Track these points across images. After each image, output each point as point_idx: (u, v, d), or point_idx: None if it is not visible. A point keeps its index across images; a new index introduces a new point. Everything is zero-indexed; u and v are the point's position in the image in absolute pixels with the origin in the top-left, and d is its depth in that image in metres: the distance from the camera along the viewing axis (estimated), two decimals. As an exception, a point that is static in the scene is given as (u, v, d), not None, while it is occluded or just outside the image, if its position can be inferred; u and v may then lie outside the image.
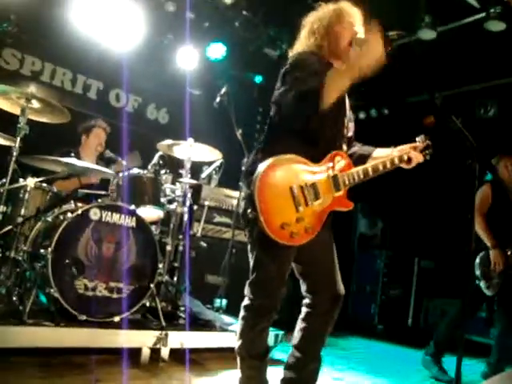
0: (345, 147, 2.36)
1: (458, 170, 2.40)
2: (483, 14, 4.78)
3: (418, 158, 2.41)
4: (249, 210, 2.08)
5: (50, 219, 3.23)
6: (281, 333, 3.67)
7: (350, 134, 2.44)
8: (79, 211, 3.02)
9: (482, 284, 3.83)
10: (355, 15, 2.34)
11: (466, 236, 3.75)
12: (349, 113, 2.42)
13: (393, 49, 2.25)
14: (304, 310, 2.30)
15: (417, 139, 2.51)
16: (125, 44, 5.26)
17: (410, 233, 6.83)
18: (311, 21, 2.36)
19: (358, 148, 2.49)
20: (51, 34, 5.03)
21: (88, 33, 5.09)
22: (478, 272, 3.86)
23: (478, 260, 3.90)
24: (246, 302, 2.23)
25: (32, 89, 3.10)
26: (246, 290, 2.22)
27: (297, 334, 2.29)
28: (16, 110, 3.10)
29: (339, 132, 2.31)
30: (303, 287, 2.31)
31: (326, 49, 2.30)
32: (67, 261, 2.92)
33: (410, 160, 2.39)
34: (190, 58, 5.67)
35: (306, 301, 2.29)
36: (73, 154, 3.51)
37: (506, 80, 5.87)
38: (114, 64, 5.40)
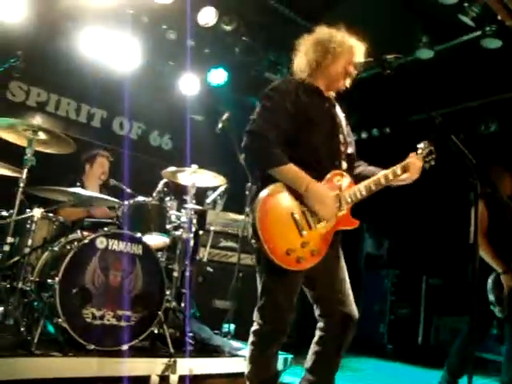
0: (345, 165, 2.34)
1: (461, 187, 2.41)
2: (479, 33, 4.84)
3: (417, 163, 2.38)
4: (253, 241, 2.10)
5: (56, 249, 3.25)
6: (290, 356, 3.64)
7: (351, 150, 2.42)
8: (86, 240, 3.04)
9: (497, 309, 3.76)
10: (356, 50, 2.36)
11: (471, 255, 3.75)
12: (347, 128, 2.44)
13: (392, 70, 2.30)
14: (318, 333, 2.29)
15: (418, 146, 2.50)
16: (127, 72, 5.35)
17: (417, 251, 6.80)
18: (308, 42, 2.37)
19: (363, 168, 2.49)
20: (56, 65, 5.13)
21: (91, 62, 5.19)
22: (492, 298, 3.76)
23: (490, 285, 3.78)
24: (254, 327, 2.23)
25: (38, 120, 3.16)
26: (255, 316, 2.23)
27: (310, 357, 2.28)
28: (23, 142, 3.15)
29: (336, 150, 2.31)
30: (316, 311, 2.30)
31: (319, 72, 2.32)
32: (75, 290, 2.92)
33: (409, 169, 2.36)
34: (192, 84, 5.75)
35: (320, 324, 2.28)
36: (79, 184, 3.54)
37: (506, 95, 5.91)
38: (117, 92, 5.48)
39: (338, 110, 2.45)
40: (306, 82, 2.31)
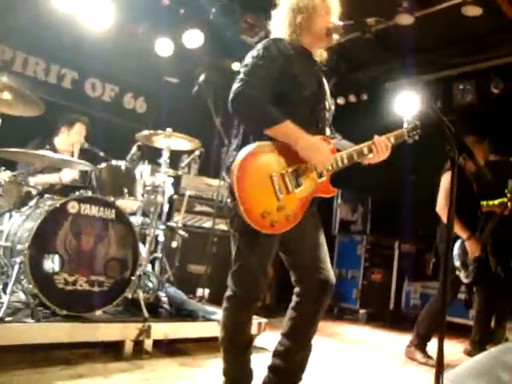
0: (328, 131, 2.33)
1: (437, 155, 2.41)
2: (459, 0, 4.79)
3: (386, 145, 2.31)
4: (229, 200, 2.07)
5: (26, 213, 3.17)
6: (263, 321, 3.68)
7: (330, 120, 2.42)
8: (57, 204, 2.96)
9: (462, 274, 3.88)
10: (334, 4, 2.32)
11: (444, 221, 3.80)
12: (329, 96, 2.40)
13: (372, 36, 2.25)
14: (294, 298, 2.29)
15: (404, 119, 2.46)
16: (100, 32, 5.15)
17: (390, 217, 6.89)
18: (287, 5, 2.31)
19: (336, 141, 2.43)
20: (23, 22, 4.89)
21: (62, 20, 4.96)
22: (457, 263, 3.89)
23: (456, 251, 3.91)
24: (228, 292, 2.22)
25: (3, 79, 3.00)
26: (229, 281, 2.22)
27: (286, 323, 2.28)
28: (-14, 102, 3.01)
29: (320, 114, 2.28)
30: (293, 277, 2.29)
31: (302, 31, 2.27)
32: (46, 255, 2.87)
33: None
34: (167, 45, 5.58)
35: (296, 290, 2.28)
36: (48, 146, 3.42)
37: (484, 65, 5.91)
38: (89, 53, 5.28)
39: (324, 80, 2.40)
40: (294, 42, 2.25)
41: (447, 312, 4.82)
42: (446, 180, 3.89)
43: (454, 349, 4.65)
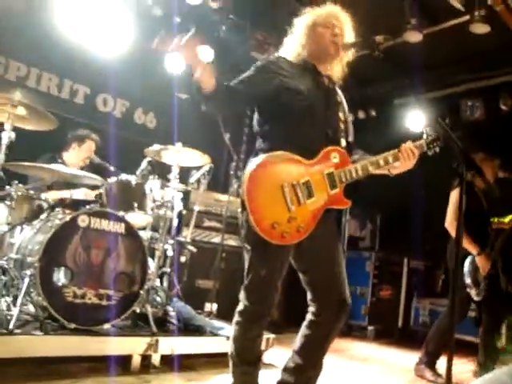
0: (343, 142, 2.31)
1: (446, 172, 2.41)
2: (468, 17, 4.82)
3: (414, 152, 2.28)
4: (239, 210, 2.08)
5: (37, 226, 3.20)
6: (271, 336, 3.66)
7: (350, 138, 2.39)
8: (67, 218, 3.00)
9: (473, 292, 3.84)
10: (340, 18, 2.35)
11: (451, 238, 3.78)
12: (346, 109, 2.41)
13: (380, 52, 2.28)
14: (309, 317, 2.27)
15: (423, 130, 2.41)
16: (112, 48, 5.23)
17: (399, 234, 6.86)
18: (298, 23, 2.40)
19: (359, 156, 2.39)
20: (37, 38, 4.98)
21: (74, 37, 5.05)
22: (468, 280, 3.85)
23: (466, 267, 3.87)
24: (240, 306, 2.22)
25: (17, 95, 3.06)
26: (241, 295, 2.22)
27: (299, 340, 2.27)
28: (1, 117, 3.07)
29: (331, 124, 2.28)
30: (309, 296, 2.27)
31: (308, 47, 2.33)
32: (55, 268, 2.89)
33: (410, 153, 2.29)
34: (177, 61, 5.64)
35: (311, 308, 2.26)
36: (60, 160, 3.47)
37: (492, 82, 5.93)
38: (101, 68, 5.36)
39: (340, 93, 2.43)
40: (296, 59, 2.32)
41: (457, 330, 4.79)
42: (454, 196, 3.89)
43: (465, 367, 4.59)
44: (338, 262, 2.25)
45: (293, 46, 2.37)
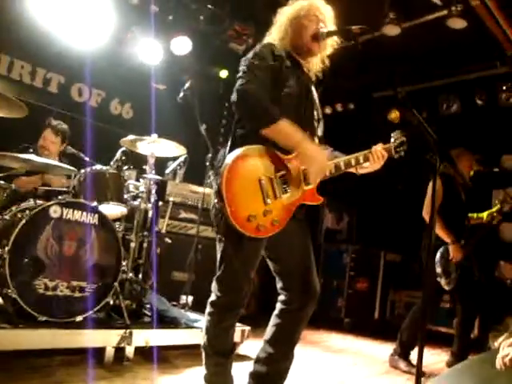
0: (316, 140, 2.33)
1: (420, 163, 2.43)
2: (445, 12, 4.86)
3: (383, 155, 2.37)
4: (215, 201, 2.06)
5: (7, 217, 3.13)
6: (247, 328, 3.66)
7: (320, 132, 2.41)
8: (38, 209, 2.93)
9: (443, 281, 3.90)
10: (324, 11, 2.35)
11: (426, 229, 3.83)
12: (319, 106, 2.41)
13: (358, 44, 2.27)
14: (278, 306, 2.29)
15: (392, 134, 2.49)
16: (87, 37, 5.13)
17: (376, 226, 6.92)
18: (281, 14, 2.38)
19: (329, 153, 2.44)
20: (8, 25, 4.85)
21: (48, 25, 4.94)
22: (438, 270, 3.92)
23: (438, 257, 3.94)
24: (212, 297, 2.21)
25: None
26: (213, 286, 2.20)
27: (269, 329, 2.28)
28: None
29: (308, 122, 2.29)
30: (279, 284, 2.29)
31: (290, 40, 2.31)
32: (26, 260, 2.82)
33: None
34: (155, 52, 5.57)
35: (281, 297, 2.28)
36: (31, 150, 3.38)
37: (469, 76, 6.00)
38: (76, 57, 5.26)
39: (313, 88, 2.42)
40: (283, 48, 2.29)
41: (431, 321, 4.89)
42: (431, 187, 3.93)
43: (439, 358, 4.67)
44: (308, 251, 2.28)
45: (276, 38, 2.34)
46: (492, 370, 1.71)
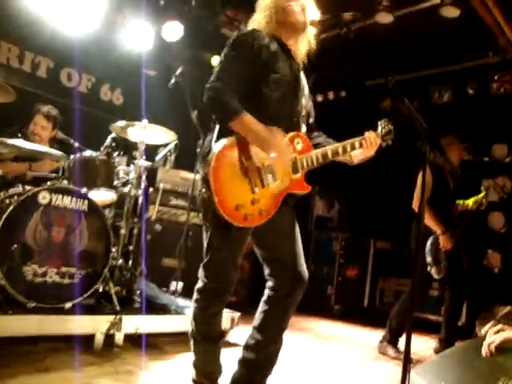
0: (304, 127, 2.32)
1: (411, 151, 2.43)
2: (438, 1, 4.84)
3: (374, 140, 2.36)
4: (203, 190, 2.04)
5: (-5, 203, 3.10)
6: (237, 315, 3.67)
7: (311, 120, 2.42)
8: (27, 194, 2.91)
9: (433, 270, 3.93)
10: None
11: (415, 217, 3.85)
12: (307, 93, 2.40)
13: (350, 32, 2.25)
14: (266, 292, 2.28)
15: (379, 123, 2.49)
16: (77, 21, 5.05)
17: (366, 214, 6.95)
18: None
19: (322, 140, 2.44)
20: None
21: (37, 8, 4.85)
22: (429, 259, 3.94)
23: (428, 247, 3.97)
24: (199, 284, 2.21)
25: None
26: (200, 273, 2.20)
27: (258, 316, 2.28)
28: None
29: (297, 110, 2.28)
30: (266, 270, 2.29)
31: (276, 21, 2.26)
32: (14, 246, 2.80)
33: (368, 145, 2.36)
34: (145, 37, 5.50)
35: (269, 283, 2.28)
36: (20, 135, 3.34)
37: (460, 66, 6.00)
38: (66, 41, 5.18)
39: (303, 76, 2.40)
40: (272, 34, 2.25)
41: (420, 308, 4.94)
42: (420, 177, 3.95)
43: (426, 345, 4.72)
44: (295, 238, 2.27)
45: (261, 20, 2.29)
46: (477, 356, 1.73)
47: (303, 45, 2.36)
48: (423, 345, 4.74)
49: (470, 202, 4.29)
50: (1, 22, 4.89)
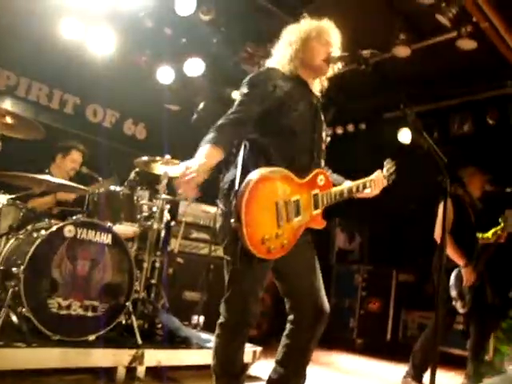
0: (322, 163, 2.37)
1: (432, 183, 2.44)
2: (455, 33, 4.89)
3: (381, 181, 2.49)
4: (232, 221, 2.06)
5: (22, 236, 3.18)
6: (258, 349, 3.65)
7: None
8: (53, 228, 2.98)
9: (458, 304, 3.86)
10: (333, 35, 2.38)
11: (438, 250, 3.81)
12: (325, 127, 2.45)
13: (368, 66, 2.31)
14: (288, 326, 2.28)
15: (384, 163, 2.59)
16: (102, 59, 5.24)
17: (388, 247, 6.88)
18: (290, 32, 2.40)
19: (329, 174, 2.47)
20: (27, 48, 4.98)
21: (65, 47, 5.06)
22: (453, 293, 3.87)
23: (452, 280, 3.90)
24: (220, 319, 2.21)
25: (6, 104, 3.06)
26: (221, 308, 2.21)
27: (280, 350, 2.27)
28: (-11, 126, 3.06)
29: (316, 145, 2.32)
30: (287, 304, 2.29)
31: (300, 61, 2.33)
32: (40, 279, 2.86)
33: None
34: (168, 73, 5.67)
35: (290, 317, 2.28)
36: (47, 171, 3.45)
37: (480, 96, 6.01)
38: (92, 79, 5.37)
39: (321, 110, 2.45)
40: (289, 72, 2.31)
41: (445, 343, 4.82)
42: (441, 210, 3.92)
43: (453, 380, 4.59)
44: (315, 271, 2.28)
45: (283, 57, 2.36)
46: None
47: (318, 81, 2.44)
48: (449, 380, 4.61)
49: (490, 234, 4.24)
50: (32, 63, 5.10)
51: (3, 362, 2.58)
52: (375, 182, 2.45)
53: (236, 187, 2.05)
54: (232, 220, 2.03)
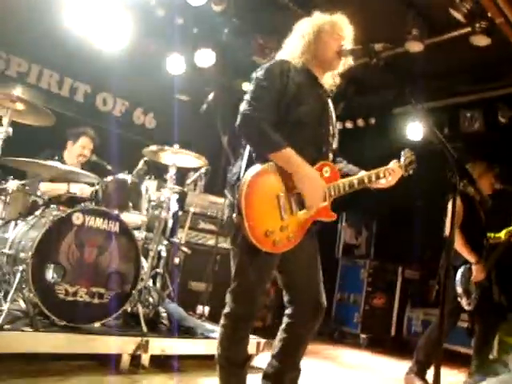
0: (331, 156, 2.36)
1: (440, 180, 2.43)
2: (469, 29, 4.84)
3: (398, 172, 2.45)
4: (234, 215, 2.07)
5: (31, 223, 3.20)
6: (263, 341, 3.66)
7: (335, 145, 2.44)
8: (62, 215, 3.00)
9: (464, 301, 3.84)
10: (346, 29, 2.37)
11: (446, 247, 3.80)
12: (335, 121, 2.44)
13: (379, 60, 2.29)
14: (285, 320, 2.29)
15: (402, 153, 2.54)
16: (113, 47, 5.24)
17: (394, 242, 6.86)
18: (303, 25, 2.39)
19: (343, 165, 2.48)
20: (38, 35, 4.99)
21: (77, 35, 5.06)
22: (459, 290, 3.85)
23: (458, 277, 3.88)
24: (226, 309, 2.22)
25: (17, 90, 3.07)
26: (227, 298, 2.22)
27: (277, 344, 2.29)
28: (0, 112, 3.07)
29: (325, 138, 2.31)
30: (285, 297, 2.30)
31: (312, 54, 2.32)
32: (48, 265, 2.88)
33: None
34: (178, 63, 5.66)
35: (288, 311, 2.28)
36: (56, 158, 3.47)
37: (492, 94, 5.95)
38: (102, 67, 5.37)
39: (330, 102, 2.44)
40: (300, 65, 2.30)
41: (450, 340, 4.81)
42: (451, 206, 3.89)
43: (456, 378, 4.59)
44: (315, 265, 2.29)
45: (295, 49, 2.34)
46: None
47: (329, 75, 2.42)
48: (453, 378, 4.61)
49: (502, 234, 4.21)
50: (43, 50, 5.12)
51: (11, 346, 2.61)
52: (390, 172, 2.41)
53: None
54: (234, 215, 2.05)
